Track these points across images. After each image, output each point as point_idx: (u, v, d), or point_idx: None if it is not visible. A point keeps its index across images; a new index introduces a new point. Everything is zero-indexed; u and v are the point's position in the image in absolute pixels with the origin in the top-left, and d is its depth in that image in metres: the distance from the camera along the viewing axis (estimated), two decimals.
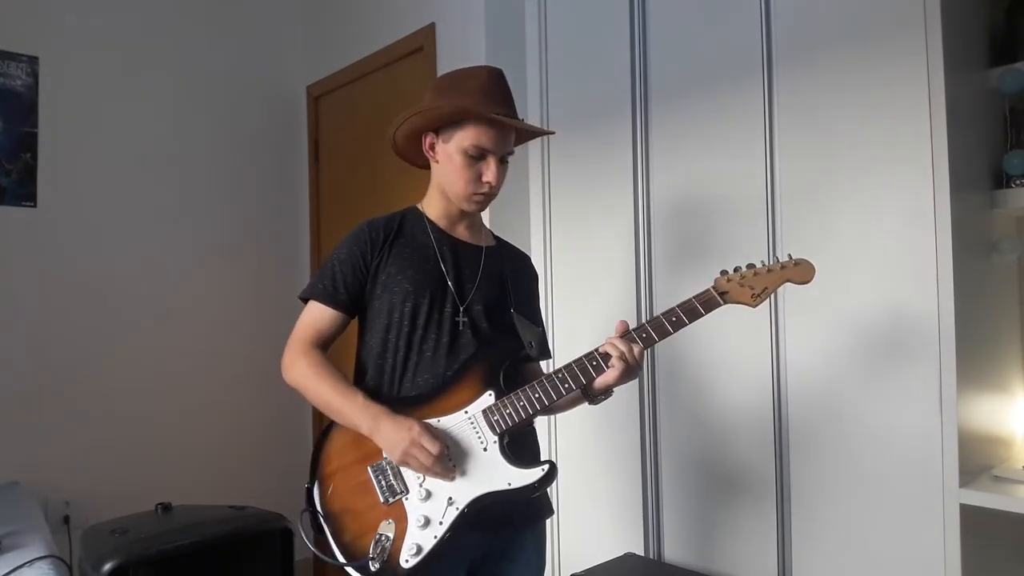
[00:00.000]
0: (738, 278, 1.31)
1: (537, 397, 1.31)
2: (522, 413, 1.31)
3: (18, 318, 2.60)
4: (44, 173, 2.66)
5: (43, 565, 1.69)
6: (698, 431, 2.02)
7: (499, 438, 1.32)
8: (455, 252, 1.47)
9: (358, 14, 3.03)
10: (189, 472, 2.87)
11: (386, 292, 1.42)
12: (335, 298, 1.41)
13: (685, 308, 1.31)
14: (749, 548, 1.89)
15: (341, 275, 1.42)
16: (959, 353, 1.50)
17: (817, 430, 1.77)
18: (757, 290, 1.31)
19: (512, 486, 1.30)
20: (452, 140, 1.41)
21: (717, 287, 1.31)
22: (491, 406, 1.33)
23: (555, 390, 1.31)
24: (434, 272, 1.43)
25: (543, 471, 1.30)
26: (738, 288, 1.31)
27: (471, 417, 1.33)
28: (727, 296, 1.31)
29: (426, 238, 1.46)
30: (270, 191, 3.29)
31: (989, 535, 1.54)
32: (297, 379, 1.41)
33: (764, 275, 1.31)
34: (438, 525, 1.29)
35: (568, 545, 2.37)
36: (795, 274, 1.30)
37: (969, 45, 1.65)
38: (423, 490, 1.30)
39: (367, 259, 1.42)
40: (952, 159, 1.51)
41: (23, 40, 2.63)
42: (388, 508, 1.31)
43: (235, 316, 3.13)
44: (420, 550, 1.27)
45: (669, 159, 2.10)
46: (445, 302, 1.42)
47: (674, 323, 1.31)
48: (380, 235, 1.44)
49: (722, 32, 1.95)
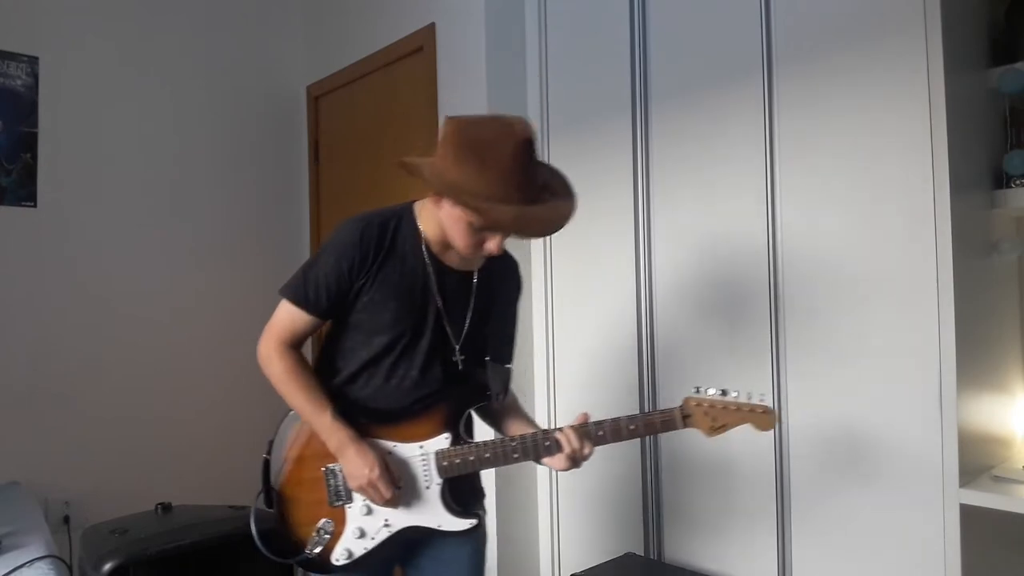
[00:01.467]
0: (707, 406, 1.36)
1: (487, 457, 1.41)
2: (469, 467, 1.41)
3: (18, 318, 2.59)
4: (44, 173, 2.66)
5: (43, 565, 1.69)
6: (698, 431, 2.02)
7: (443, 482, 1.42)
8: (443, 282, 1.45)
9: (358, 14, 3.03)
10: (189, 472, 2.86)
11: (367, 312, 1.43)
12: (316, 307, 1.43)
13: (646, 421, 1.38)
14: (749, 548, 1.89)
15: (324, 286, 1.41)
16: (959, 353, 1.50)
17: (817, 430, 1.77)
18: (717, 424, 1.36)
19: (441, 528, 1.42)
20: (459, 208, 1.32)
21: (684, 407, 1.37)
22: (444, 450, 1.41)
23: (505, 457, 1.40)
24: (419, 306, 1.43)
25: (469, 525, 1.43)
26: (702, 416, 1.36)
27: (424, 454, 1.42)
28: (689, 420, 1.37)
29: (417, 262, 1.43)
30: (270, 191, 3.29)
31: (989, 535, 1.54)
32: (272, 377, 1.47)
33: (730, 412, 1.35)
34: (370, 539, 1.41)
35: (568, 545, 2.37)
36: (757, 421, 1.35)
37: (969, 45, 1.64)
38: (365, 506, 1.42)
39: (353, 275, 1.40)
40: (952, 159, 1.51)
41: (23, 40, 2.63)
42: (331, 509, 1.43)
43: (235, 316, 3.12)
44: (351, 555, 1.41)
45: (669, 159, 2.10)
46: (423, 336, 1.44)
47: (632, 431, 1.39)
48: (371, 253, 1.40)
49: (722, 32, 1.95)
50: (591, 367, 2.32)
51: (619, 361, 2.21)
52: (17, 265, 2.60)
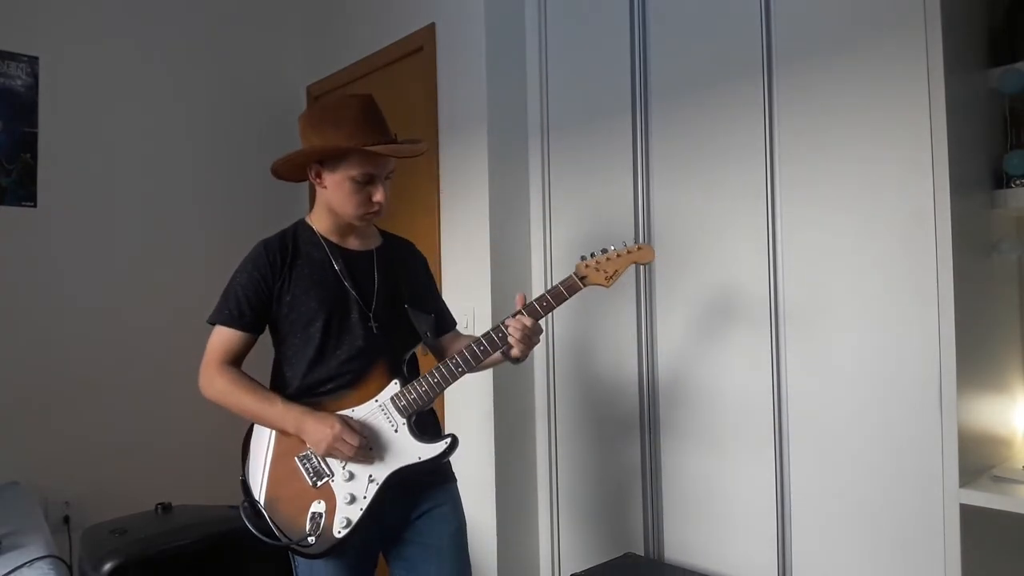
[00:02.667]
0: (594, 263, 1.51)
1: (436, 382, 1.52)
2: (424, 397, 1.52)
3: (18, 318, 2.60)
4: (44, 173, 2.66)
5: (43, 565, 1.69)
6: (698, 431, 2.02)
7: (407, 419, 1.52)
8: (350, 263, 1.61)
9: (358, 14, 3.03)
10: (189, 472, 2.86)
11: (294, 311, 1.55)
12: (241, 321, 1.55)
13: (552, 293, 1.50)
14: (749, 548, 1.89)
15: (245, 299, 1.54)
16: (959, 353, 1.50)
17: (817, 430, 1.77)
18: (609, 272, 1.51)
19: (422, 459, 1.51)
20: (339, 170, 1.53)
21: (577, 272, 1.51)
22: (397, 393, 1.53)
23: (450, 374, 1.52)
24: (336, 287, 1.57)
25: (447, 443, 1.52)
26: (594, 272, 1.51)
27: (381, 405, 1.53)
28: (586, 280, 1.51)
29: (321, 253, 1.60)
30: (270, 191, 3.27)
31: (989, 535, 1.54)
32: (217, 395, 1.56)
33: (614, 259, 1.51)
34: (363, 499, 1.49)
35: (568, 545, 2.37)
36: (638, 256, 1.51)
37: (969, 45, 1.64)
38: (346, 472, 1.50)
39: (269, 282, 1.55)
40: (952, 159, 1.50)
41: (23, 40, 2.63)
42: (317, 490, 1.50)
43: None
44: (349, 522, 1.48)
45: (669, 158, 2.10)
46: (351, 311, 1.57)
47: (544, 306, 1.50)
48: (278, 258, 1.56)
49: (722, 32, 1.95)
50: (588, 368, 2.32)
51: (617, 363, 2.21)
52: (17, 265, 2.60)
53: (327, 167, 1.55)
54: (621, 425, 2.20)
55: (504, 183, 2.43)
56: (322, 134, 1.52)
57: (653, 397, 2.13)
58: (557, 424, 2.40)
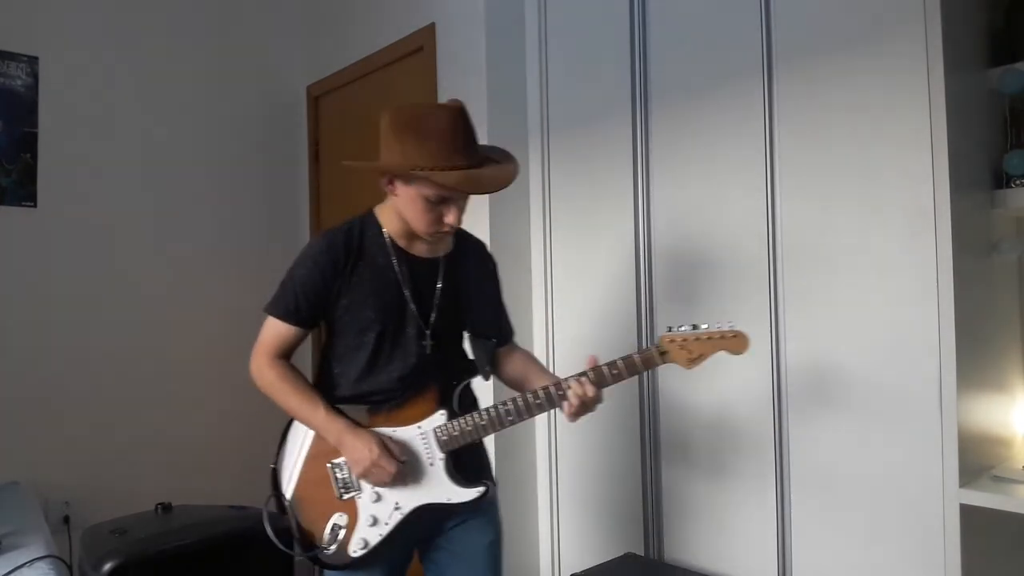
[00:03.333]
0: (680, 340, 1.40)
1: (483, 425, 1.44)
2: (467, 437, 1.44)
3: (18, 318, 2.59)
4: (44, 173, 2.66)
5: (43, 565, 1.69)
6: (698, 431, 2.02)
7: (445, 456, 1.45)
8: (414, 271, 1.51)
9: (358, 14, 3.03)
10: (189, 472, 2.86)
11: (348, 314, 1.49)
12: (296, 316, 1.49)
13: (627, 363, 1.41)
14: (749, 548, 1.89)
15: (303, 296, 1.47)
16: (959, 353, 1.50)
17: (817, 430, 1.77)
18: (694, 354, 1.40)
19: (451, 501, 1.45)
20: (412, 186, 1.42)
21: (660, 344, 1.41)
22: (441, 426, 1.45)
23: (499, 421, 1.43)
24: (396, 298, 1.49)
25: (479, 493, 1.44)
26: (678, 350, 1.40)
27: (423, 433, 1.45)
28: (666, 356, 1.40)
29: (385, 259, 1.50)
30: (270, 191, 3.29)
31: (989, 535, 1.54)
32: (264, 387, 1.52)
33: (704, 342, 1.39)
34: (384, 525, 1.44)
35: (568, 545, 2.37)
36: (730, 344, 1.39)
37: (969, 45, 1.64)
38: (374, 493, 1.45)
39: (328, 282, 1.47)
40: (952, 159, 1.51)
41: (23, 40, 2.63)
42: (342, 502, 1.45)
43: (234, 315, 3.11)
44: (367, 544, 1.43)
45: (669, 158, 2.10)
46: (407, 325, 1.49)
47: (615, 376, 1.41)
48: (341, 257, 1.47)
49: (722, 32, 1.95)
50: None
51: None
52: (17, 265, 2.60)
53: (401, 178, 1.44)
54: (621, 425, 2.20)
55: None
56: (403, 143, 1.38)
57: (653, 396, 2.13)
58: (557, 424, 2.40)
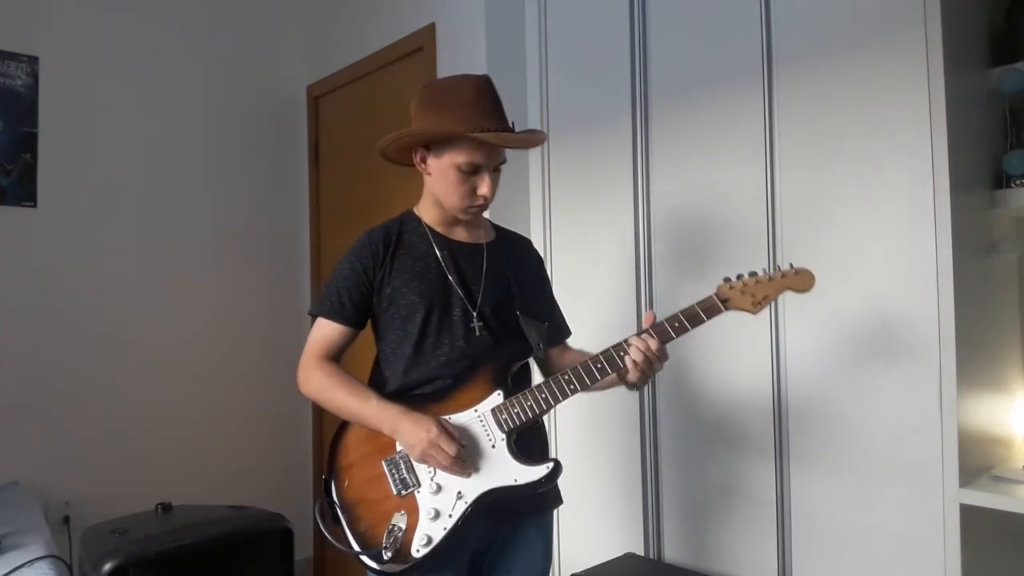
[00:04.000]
0: (740, 285, 1.33)
1: (544, 398, 1.37)
2: (528, 412, 1.37)
3: (18, 318, 2.59)
4: (44, 173, 2.66)
5: (43, 565, 1.69)
6: (698, 431, 2.02)
7: (507, 436, 1.37)
8: (456, 255, 1.49)
9: (358, 14, 3.03)
10: (189, 472, 2.87)
11: (393, 305, 1.46)
12: (342, 314, 1.46)
13: (688, 314, 1.34)
14: (749, 548, 1.89)
15: (346, 291, 1.46)
16: (959, 353, 1.50)
17: (817, 430, 1.77)
18: (758, 297, 1.33)
19: (518, 482, 1.36)
20: (444, 156, 1.41)
21: (719, 294, 1.34)
22: (499, 405, 1.38)
23: (561, 391, 1.37)
24: (439, 279, 1.46)
25: (548, 469, 1.36)
26: (739, 295, 1.33)
27: (480, 415, 1.39)
28: (728, 303, 1.33)
29: (426, 245, 1.48)
30: (270, 191, 3.29)
31: (989, 535, 1.54)
32: (313, 391, 1.47)
33: (765, 283, 1.33)
34: (448, 517, 1.35)
35: (568, 545, 2.37)
36: (795, 282, 1.33)
37: (969, 45, 1.64)
38: (434, 484, 1.37)
39: (370, 274, 1.46)
40: (952, 159, 1.51)
41: (23, 40, 2.63)
42: (401, 500, 1.38)
43: (234, 316, 3.13)
44: (431, 541, 1.34)
45: (669, 159, 2.10)
46: (453, 307, 1.45)
47: (676, 328, 1.34)
48: (380, 248, 1.46)
49: (722, 32, 1.95)
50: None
51: None
52: (17, 265, 2.60)
53: (433, 152, 1.43)
54: (621, 424, 2.20)
55: (504, 183, 2.43)
56: (432, 115, 1.39)
57: (653, 396, 2.13)
58: (557, 424, 2.40)
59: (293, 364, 1.52)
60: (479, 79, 1.43)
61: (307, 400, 3.24)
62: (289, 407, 3.17)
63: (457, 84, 1.44)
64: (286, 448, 3.16)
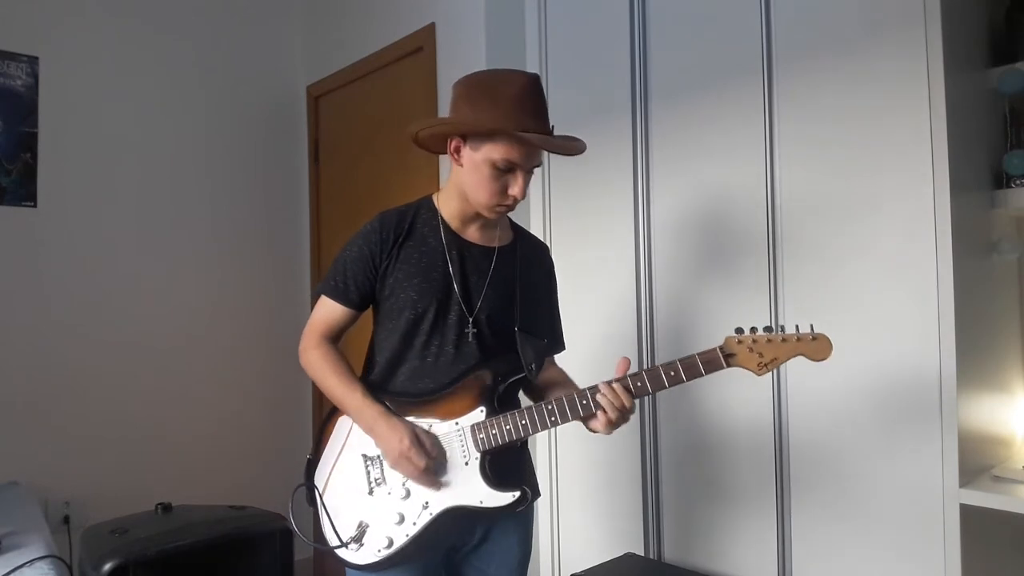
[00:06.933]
0: (749, 342, 1.26)
1: (523, 424, 1.35)
2: (506, 436, 1.36)
3: (18, 318, 2.60)
4: (44, 173, 2.66)
5: (43, 565, 1.70)
6: (698, 432, 2.02)
7: (481, 456, 1.37)
8: (464, 257, 1.46)
9: (358, 14, 3.03)
10: (189, 472, 2.87)
11: (393, 296, 1.45)
12: (345, 295, 1.45)
13: (686, 364, 1.29)
14: (749, 548, 1.89)
15: (352, 274, 1.45)
16: (959, 353, 1.50)
17: (817, 429, 1.77)
18: (766, 359, 1.26)
19: (483, 504, 1.36)
20: (481, 150, 1.36)
21: (725, 347, 1.28)
22: (480, 423, 1.37)
23: (542, 422, 1.35)
24: (442, 280, 1.43)
25: (514, 497, 1.35)
26: (746, 353, 1.26)
27: (460, 430, 1.38)
28: (732, 359, 1.27)
29: (436, 241, 1.45)
30: (270, 191, 3.29)
31: (989, 535, 1.54)
32: (307, 367, 1.49)
33: (777, 344, 1.26)
34: (411, 525, 1.37)
35: (568, 545, 2.37)
36: (810, 349, 1.25)
37: (969, 45, 1.65)
38: (404, 488, 1.38)
39: (376, 260, 1.44)
40: (952, 159, 1.51)
41: (23, 40, 2.63)
42: (371, 497, 1.40)
43: (235, 316, 3.13)
44: (391, 543, 1.36)
45: (669, 158, 2.10)
46: (450, 311, 1.43)
47: (671, 378, 1.29)
48: (390, 236, 1.44)
49: (722, 32, 1.95)
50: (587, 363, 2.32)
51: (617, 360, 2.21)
52: (17, 265, 2.60)
53: (469, 144, 1.37)
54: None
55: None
56: (475, 106, 1.35)
57: (653, 395, 2.13)
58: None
59: (294, 364, 1.52)
60: (529, 77, 1.38)
61: (308, 400, 3.27)
62: (290, 407, 3.17)
63: (506, 79, 1.38)
64: (286, 448, 3.16)
